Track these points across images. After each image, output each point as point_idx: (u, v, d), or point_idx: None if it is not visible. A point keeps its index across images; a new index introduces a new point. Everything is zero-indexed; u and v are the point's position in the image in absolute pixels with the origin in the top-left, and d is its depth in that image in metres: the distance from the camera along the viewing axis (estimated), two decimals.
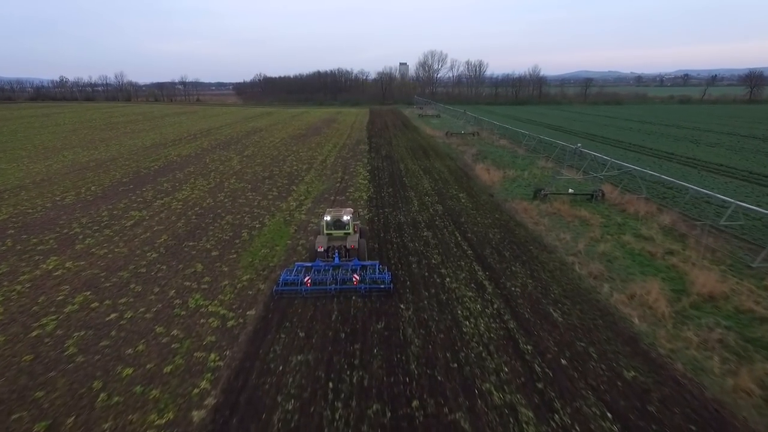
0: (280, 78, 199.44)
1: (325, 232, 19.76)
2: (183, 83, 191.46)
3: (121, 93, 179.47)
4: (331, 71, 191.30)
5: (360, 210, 27.12)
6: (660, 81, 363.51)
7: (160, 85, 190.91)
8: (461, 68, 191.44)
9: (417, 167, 41.86)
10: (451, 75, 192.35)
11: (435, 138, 62.75)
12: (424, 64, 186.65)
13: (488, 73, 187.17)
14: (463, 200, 30.17)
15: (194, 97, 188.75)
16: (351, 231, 19.69)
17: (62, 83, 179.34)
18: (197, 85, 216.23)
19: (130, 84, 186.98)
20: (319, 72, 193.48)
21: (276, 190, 33.48)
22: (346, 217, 19.61)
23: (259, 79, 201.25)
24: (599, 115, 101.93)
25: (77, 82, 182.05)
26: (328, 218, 19.62)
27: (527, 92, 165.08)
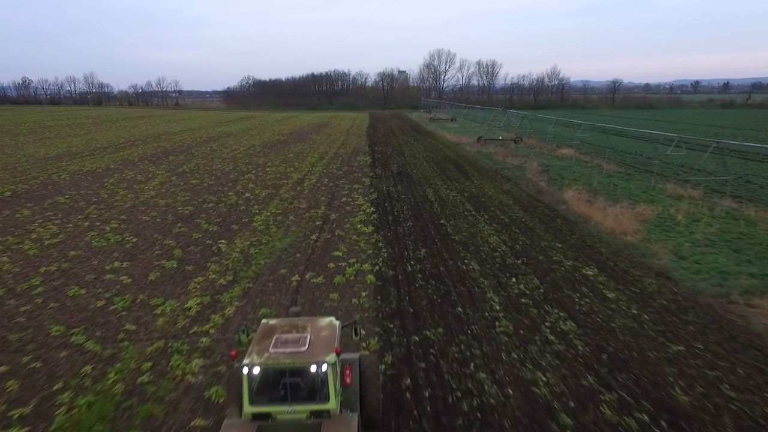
0: (270, 81, 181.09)
1: (250, 409, 4.85)
2: (161, 87, 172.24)
3: (91, 96, 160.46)
4: (327, 73, 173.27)
5: (363, 318, 9.51)
6: (669, 89, 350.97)
7: (135, 88, 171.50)
8: (471, 69, 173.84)
9: (457, 196, 24.21)
10: (460, 76, 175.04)
11: (463, 146, 45.25)
12: (429, 65, 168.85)
13: (500, 75, 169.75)
14: (605, 291, 12.44)
15: (173, 101, 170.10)
16: (331, 404, 4.83)
17: (24, 85, 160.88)
18: (191, 93, 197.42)
19: (102, 86, 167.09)
20: (313, 74, 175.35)
21: (179, 254, 15.68)
22: (316, 367, 4.91)
23: (248, 83, 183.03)
24: (648, 120, 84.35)
25: (42, 85, 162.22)
26: (256, 368, 4.92)
27: (545, 96, 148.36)
